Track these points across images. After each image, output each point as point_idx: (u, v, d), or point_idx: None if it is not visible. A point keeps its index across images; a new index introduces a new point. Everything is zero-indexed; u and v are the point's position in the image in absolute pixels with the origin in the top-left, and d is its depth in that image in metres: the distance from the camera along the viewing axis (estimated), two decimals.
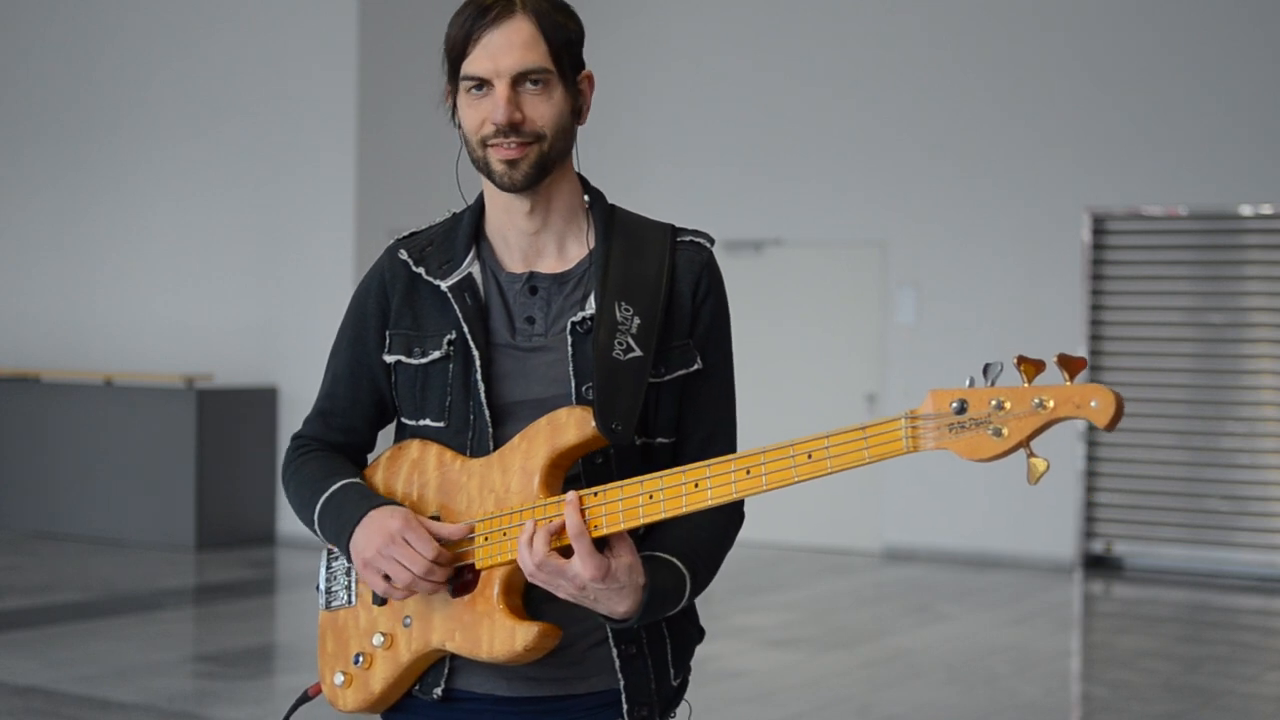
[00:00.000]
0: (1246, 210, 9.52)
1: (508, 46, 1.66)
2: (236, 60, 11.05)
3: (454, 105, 1.73)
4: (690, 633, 1.80)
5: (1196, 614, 7.99)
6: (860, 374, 10.24)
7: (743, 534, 1.83)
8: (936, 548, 9.65)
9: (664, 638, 1.74)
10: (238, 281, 10.95)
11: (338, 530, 1.73)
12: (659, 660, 1.73)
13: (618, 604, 1.58)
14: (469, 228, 1.79)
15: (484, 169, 1.70)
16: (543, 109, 1.68)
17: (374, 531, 1.67)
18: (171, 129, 11.29)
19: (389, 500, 1.73)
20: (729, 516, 1.76)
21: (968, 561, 9.33)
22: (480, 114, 1.67)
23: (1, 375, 10.64)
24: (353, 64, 10.83)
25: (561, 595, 1.59)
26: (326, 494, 1.76)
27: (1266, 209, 9.44)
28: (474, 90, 1.67)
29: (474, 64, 1.66)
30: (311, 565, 1.96)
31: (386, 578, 1.67)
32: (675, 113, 11.06)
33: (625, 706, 1.71)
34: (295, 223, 10.80)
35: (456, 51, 1.68)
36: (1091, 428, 9.83)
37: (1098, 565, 9.41)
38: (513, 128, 1.66)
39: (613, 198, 1.89)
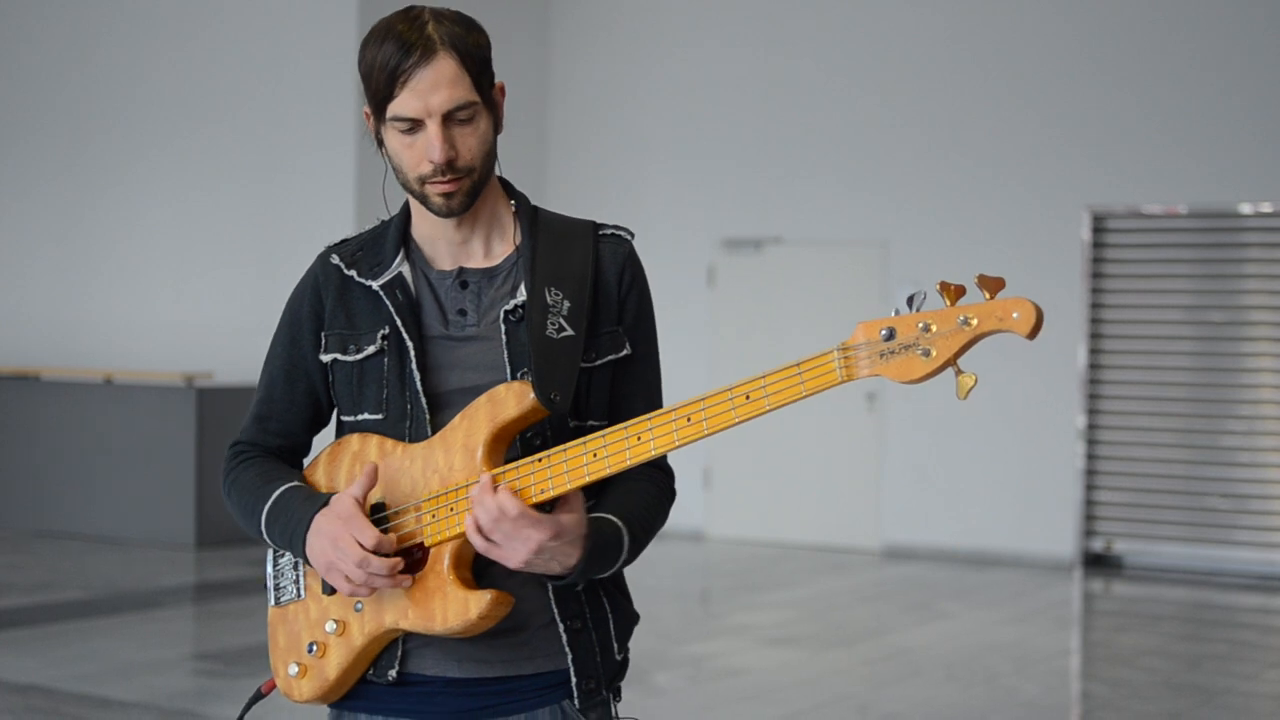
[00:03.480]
0: (1246, 208, 9.52)
1: (435, 86, 1.71)
2: (236, 58, 11.05)
3: (377, 133, 1.79)
4: (630, 611, 1.85)
5: (1196, 612, 8.00)
6: None
7: (742, 532, 1.86)
8: (936, 546, 9.65)
9: (606, 614, 1.79)
10: (237, 280, 10.96)
11: (289, 539, 1.77)
12: (603, 635, 1.79)
13: (569, 557, 1.63)
14: (397, 233, 1.86)
15: (421, 200, 1.78)
16: (471, 142, 1.74)
17: (322, 537, 1.71)
18: (171, 126, 11.29)
19: (329, 496, 1.76)
20: (660, 489, 1.83)
21: (967, 560, 9.33)
22: (416, 154, 1.73)
23: (1, 373, 10.63)
24: (352, 61, 10.84)
25: (514, 563, 1.62)
26: (269, 502, 1.80)
27: (1266, 207, 9.45)
28: (404, 130, 1.72)
29: (404, 106, 1.71)
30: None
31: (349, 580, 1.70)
32: (676, 110, 11.06)
33: (574, 680, 1.77)
34: (295, 221, 10.81)
35: (383, 92, 1.73)
36: (1091, 425, 9.86)
37: (1098, 563, 9.41)
38: (448, 165, 1.72)
39: (613, 195, 1.94)
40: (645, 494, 1.79)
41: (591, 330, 1.78)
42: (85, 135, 11.61)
